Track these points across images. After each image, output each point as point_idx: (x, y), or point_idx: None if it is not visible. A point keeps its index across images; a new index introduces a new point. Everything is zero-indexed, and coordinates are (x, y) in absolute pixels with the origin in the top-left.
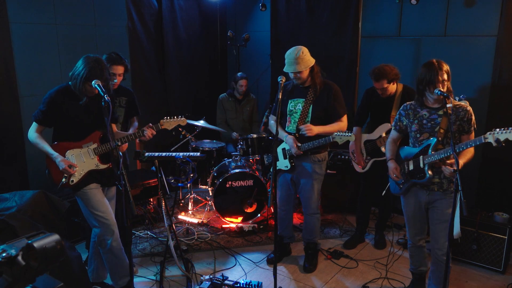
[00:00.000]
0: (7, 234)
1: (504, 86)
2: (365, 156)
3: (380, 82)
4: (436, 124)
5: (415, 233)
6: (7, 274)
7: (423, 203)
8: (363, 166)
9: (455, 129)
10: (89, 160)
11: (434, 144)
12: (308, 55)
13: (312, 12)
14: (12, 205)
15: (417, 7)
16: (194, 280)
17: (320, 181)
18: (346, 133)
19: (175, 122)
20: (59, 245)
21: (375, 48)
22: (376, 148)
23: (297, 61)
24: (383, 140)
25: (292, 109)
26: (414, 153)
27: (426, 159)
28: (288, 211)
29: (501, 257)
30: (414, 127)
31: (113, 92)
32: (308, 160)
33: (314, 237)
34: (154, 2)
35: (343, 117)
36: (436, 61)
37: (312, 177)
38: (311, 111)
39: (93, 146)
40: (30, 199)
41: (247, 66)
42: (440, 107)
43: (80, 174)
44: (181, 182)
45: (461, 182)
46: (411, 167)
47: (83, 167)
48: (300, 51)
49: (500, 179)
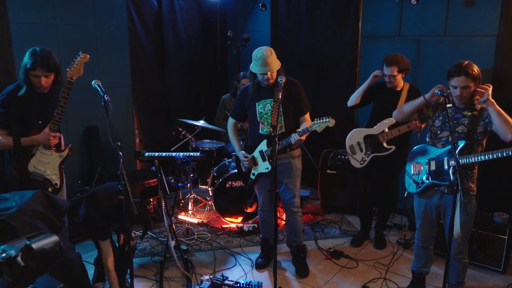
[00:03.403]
0: (7, 234)
1: (504, 86)
2: (365, 151)
3: (391, 68)
4: (459, 123)
5: (422, 235)
6: (7, 275)
7: (433, 205)
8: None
9: (481, 130)
10: (50, 157)
11: (462, 147)
12: (275, 55)
13: (312, 12)
14: (12, 205)
15: (417, 7)
16: (194, 280)
17: (300, 177)
18: (323, 119)
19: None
20: (58, 246)
21: (375, 48)
22: (377, 143)
23: (268, 61)
24: (386, 136)
25: (262, 111)
26: (437, 153)
27: (452, 162)
28: (269, 212)
29: (501, 257)
30: (437, 123)
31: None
32: (287, 158)
33: (301, 239)
34: (154, 2)
35: (307, 114)
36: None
37: (294, 173)
38: (282, 108)
39: (39, 145)
40: (30, 199)
41: (247, 66)
42: (466, 107)
43: (56, 174)
44: (181, 182)
45: (461, 182)
46: (433, 167)
47: (53, 166)
48: (270, 51)
49: (500, 179)
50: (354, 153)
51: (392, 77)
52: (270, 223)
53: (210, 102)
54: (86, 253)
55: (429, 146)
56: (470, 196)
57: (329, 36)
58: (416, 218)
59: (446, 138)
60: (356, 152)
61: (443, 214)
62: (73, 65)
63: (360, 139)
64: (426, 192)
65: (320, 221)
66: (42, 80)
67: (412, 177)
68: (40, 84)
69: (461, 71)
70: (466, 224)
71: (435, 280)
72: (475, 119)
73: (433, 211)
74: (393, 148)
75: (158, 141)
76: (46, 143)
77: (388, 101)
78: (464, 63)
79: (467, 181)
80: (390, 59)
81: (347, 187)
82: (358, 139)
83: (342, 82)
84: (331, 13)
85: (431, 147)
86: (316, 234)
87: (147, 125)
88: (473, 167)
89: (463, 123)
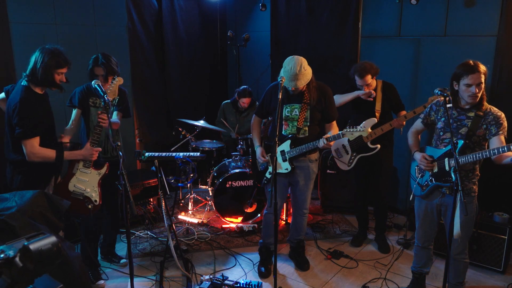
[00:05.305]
0: (7, 234)
1: (504, 86)
2: (351, 153)
3: (365, 79)
4: (462, 125)
5: (422, 235)
6: (6, 275)
7: (434, 205)
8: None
9: (481, 133)
10: (89, 175)
11: (461, 147)
12: (307, 67)
13: (312, 12)
14: (12, 205)
15: (417, 7)
16: (194, 280)
17: (314, 181)
18: (356, 128)
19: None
20: (56, 247)
21: (375, 48)
22: (362, 144)
23: (298, 77)
24: (369, 135)
25: (289, 115)
26: (438, 155)
27: (452, 162)
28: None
29: (501, 257)
30: (440, 124)
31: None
32: (306, 161)
33: (302, 235)
34: (154, 2)
35: (334, 121)
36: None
37: (310, 177)
38: (310, 115)
39: (79, 165)
40: (30, 199)
41: (247, 66)
42: (471, 108)
43: (96, 191)
44: (181, 182)
45: (462, 183)
46: (435, 169)
47: (92, 183)
48: (302, 66)
49: (500, 179)
50: (341, 156)
51: (369, 86)
52: (273, 228)
53: (210, 102)
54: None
55: (432, 147)
56: (472, 197)
57: (329, 36)
58: (416, 218)
59: (448, 139)
60: (343, 155)
61: (443, 213)
62: (109, 88)
63: (344, 141)
64: (430, 195)
65: (320, 221)
66: (63, 76)
67: (417, 179)
68: (62, 80)
69: (475, 68)
70: (467, 224)
71: (435, 280)
72: (478, 119)
73: (434, 211)
74: (378, 147)
75: (158, 141)
76: (89, 158)
77: (365, 101)
78: (472, 61)
79: (469, 183)
80: (361, 69)
81: (347, 187)
82: (343, 142)
83: (342, 82)
84: (331, 13)
85: (434, 148)
86: (316, 234)
87: (147, 125)
88: (474, 168)
89: (467, 124)
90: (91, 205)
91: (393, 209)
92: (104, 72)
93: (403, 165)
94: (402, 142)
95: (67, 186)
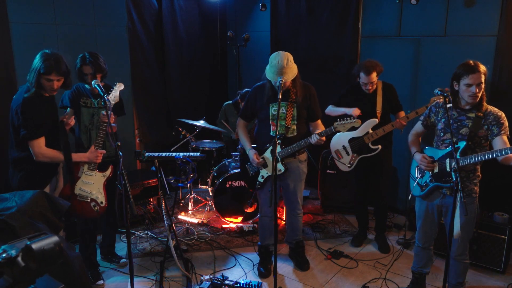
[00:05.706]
0: (7, 234)
1: (504, 86)
2: (351, 154)
3: (371, 76)
4: (462, 125)
5: (423, 236)
6: (8, 275)
7: (435, 206)
8: (351, 162)
9: (482, 134)
10: (94, 178)
11: (463, 148)
12: (293, 62)
13: (312, 12)
14: (12, 205)
15: (417, 7)
16: (194, 280)
17: (304, 181)
18: (347, 120)
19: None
20: (58, 247)
21: (375, 48)
22: (363, 145)
23: (286, 70)
24: (371, 136)
25: (275, 113)
26: (439, 155)
27: (453, 163)
28: (271, 219)
29: (501, 257)
30: (440, 125)
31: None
32: (296, 162)
33: (299, 235)
34: (154, 2)
35: (319, 120)
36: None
37: (301, 178)
38: (296, 113)
39: (84, 167)
40: (30, 199)
41: (247, 66)
42: (471, 109)
43: (101, 192)
44: (181, 182)
45: (463, 184)
46: (436, 170)
47: (97, 186)
48: (288, 60)
49: (500, 179)
50: (341, 158)
51: (372, 84)
52: (270, 230)
53: (210, 102)
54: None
55: (433, 148)
56: (472, 198)
57: (329, 36)
58: (417, 219)
59: (449, 140)
60: (343, 156)
61: (444, 214)
62: (112, 93)
63: (345, 143)
64: (430, 195)
65: (320, 221)
66: (55, 84)
67: (416, 180)
68: (52, 87)
69: (475, 68)
70: (467, 225)
71: (435, 280)
72: (479, 120)
73: (435, 211)
74: (379, 147)
75: (158, 141)
76: (93, 160)
77: (366, 102)
78: (472, 61)
79: (470, 183)
80: (368, 67)
81: (347, 187)
82: (343, 143)
83: (342, 82)
84: (331, 13)
85: (434, 149)
86: (316, 234)
87: (147, 125)
88: (475, 169)
89: (467, 125)
90: (97, 207)
91: (393, 209)
92: (92, 70)
93: (403, 165)
94: (402, 142)
95: (73, 189)
